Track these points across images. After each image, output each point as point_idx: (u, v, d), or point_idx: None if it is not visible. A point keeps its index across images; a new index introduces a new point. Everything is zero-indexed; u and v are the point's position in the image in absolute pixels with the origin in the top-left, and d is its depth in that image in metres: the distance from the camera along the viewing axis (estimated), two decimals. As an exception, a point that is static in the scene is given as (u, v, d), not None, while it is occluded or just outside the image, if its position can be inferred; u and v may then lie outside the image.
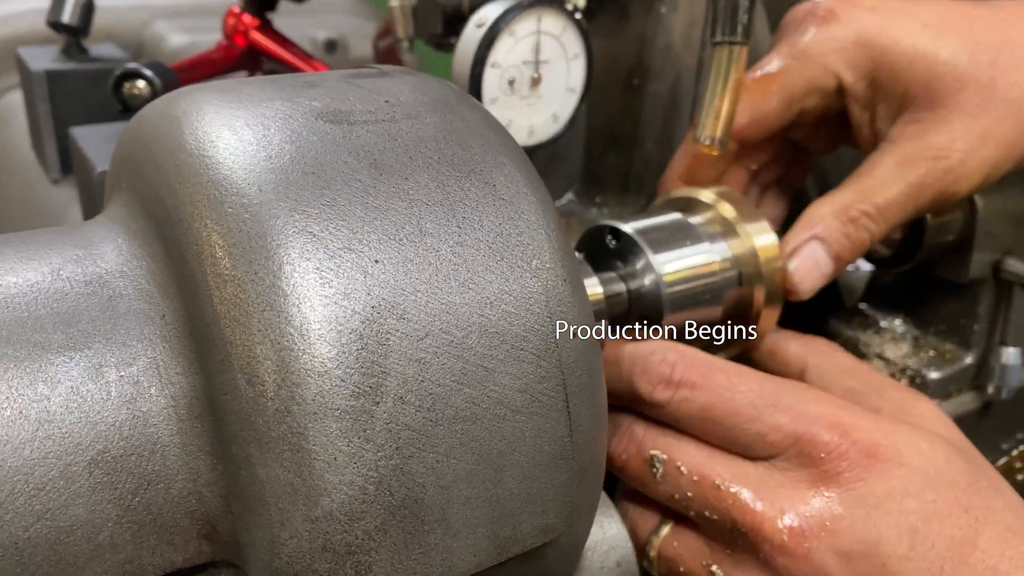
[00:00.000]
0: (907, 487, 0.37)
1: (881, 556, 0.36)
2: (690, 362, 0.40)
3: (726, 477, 0.38)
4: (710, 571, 0.39)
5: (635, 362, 0.41)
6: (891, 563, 0.36)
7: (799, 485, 0.38)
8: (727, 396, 0.39)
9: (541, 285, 0.29)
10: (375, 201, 0.27)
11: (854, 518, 0.36)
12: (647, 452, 0.40)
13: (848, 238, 0.48)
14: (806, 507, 0.37)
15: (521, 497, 0.28)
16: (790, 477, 0.38)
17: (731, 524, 0.37)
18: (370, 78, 0.33)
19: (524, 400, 0.28)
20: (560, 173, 0.63)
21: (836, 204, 0.48)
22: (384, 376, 0.25)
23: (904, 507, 0.37)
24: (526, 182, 0.31)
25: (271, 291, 0.25)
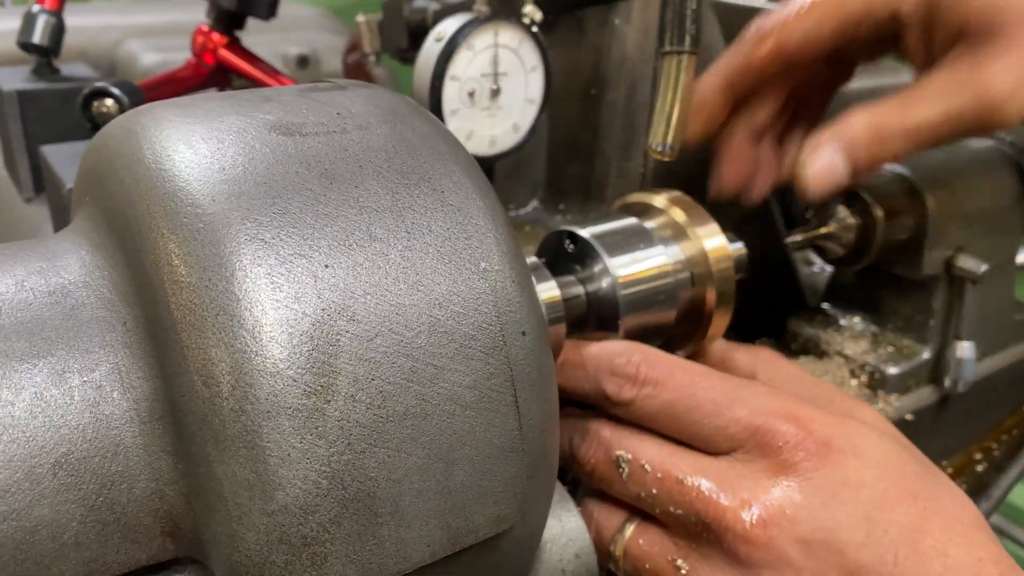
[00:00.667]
0: (862, 477, 0.38)
1: (839, 543, 0.37)
2: (654, 361, 0.42)
3: (689, 471, 0.39)
4: (675, 566, 0.40)
5: (601, 362, 0.42)
6: (849, 550, 0.37)
7: (759, 476, 0.39)
8: (688, 392, 0.41)
9: (489, 286, 0.30)
10: (325, 208, 0.29)
11: (813, 506, 0.38)
12: (614, 453, 0.41)
13: (871, 153, 0.49)
14: (767, 496, 0.38)
15: (472, 489, 0.29)
16: (751, 468, 0.39)
17: (695, 517, 0.39)
18: (325, 91, 0.35)
19: (473, 396, 0.29)
20: (524, 182, 0.64)
21: (872, 117, 0.49)
22: (335, 375, 0.27)
23: (860, 496, 0.38)
24: (475, 189, 0.32)
25: (224, 296, 0.26)
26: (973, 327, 0.62)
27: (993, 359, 0.68)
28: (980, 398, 0.68)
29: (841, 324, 0.66)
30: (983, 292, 0.63)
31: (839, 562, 0.37)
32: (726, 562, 0.38)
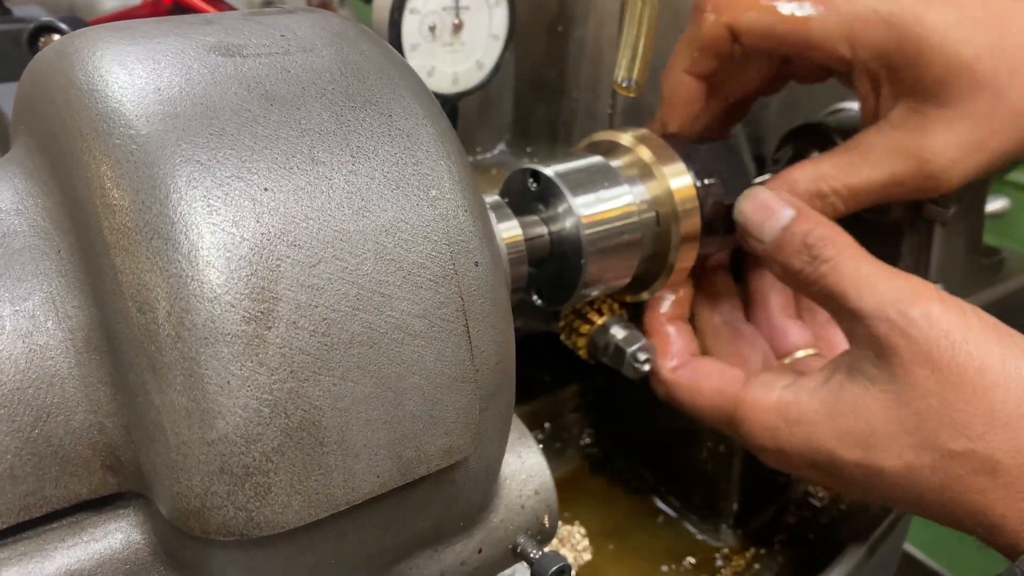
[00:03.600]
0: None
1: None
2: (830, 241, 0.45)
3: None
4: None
5: (794, 236, 0.45)
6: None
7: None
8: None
9: (439, 214, 0.30)
10: (265, 131, 0.28)
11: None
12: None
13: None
14: None
15: (423, 419, 0.29)
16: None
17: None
18: (271, 15, 0.33)
19: (423, 325, 0.28)
20: (491, 124, 0.63)
21: (813, 173, 0.49)
22: (275, 302, 0.26)
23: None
24: (425, 115, 0.31)
25: (158, 219, 0.25)
26: (941, 271, 0.62)
27: (961, 303, 0.68)
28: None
29: (810, 268, 0.66)
30: (951, 236, 0.63)
31: None
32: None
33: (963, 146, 0.46)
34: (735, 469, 0.58)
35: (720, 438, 0.58)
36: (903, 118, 0.47)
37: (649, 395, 0.63)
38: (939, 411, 0.40)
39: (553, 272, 0.47)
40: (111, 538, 0.29)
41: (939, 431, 0.40)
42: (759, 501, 0.61)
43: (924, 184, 0.48)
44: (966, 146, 0.47)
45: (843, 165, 0.49)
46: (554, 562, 0.36)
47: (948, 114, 0.46)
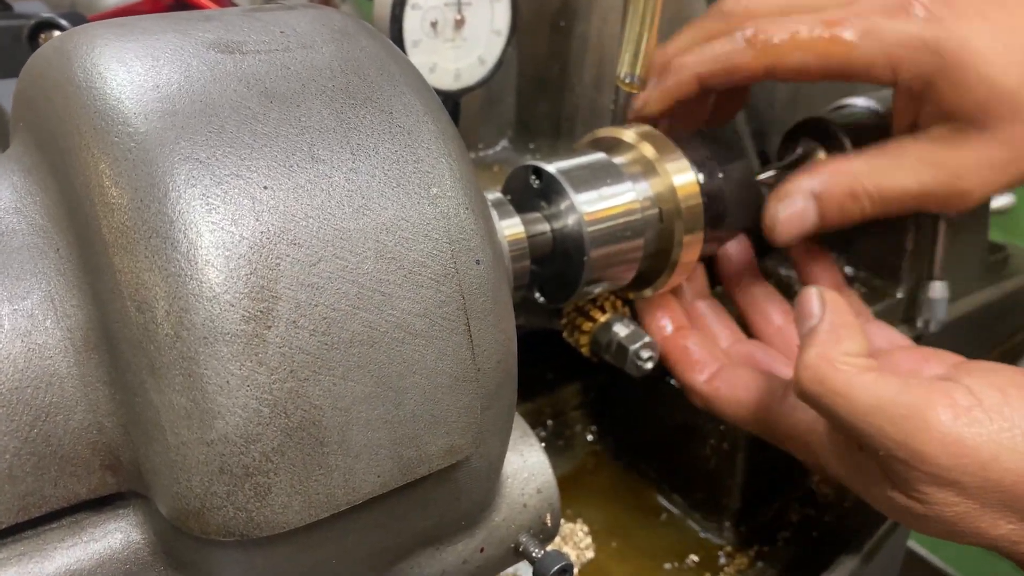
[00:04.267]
0: None
1: None
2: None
3: None
4: None
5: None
6: None
7: None
8: None
9: (440, 212, 0.29)
10: (264, 128, 0.27)
11: None
12: None
13: (841, 208, 0.49)
14: None
15: (424, 419, 0.29)
16: None
17: None
18: (271, 11, 0.33)
19: (424, 324, 0.28)
20: (493, 121, 0.63)
21: (848, 169, 0.49)
22: (275, 301, 0.26)
23: None
24: (426, 111, 0.31)
25: (157, 218, 0.25)
26: (946, 267, 0.62)
27: (966, 300, 0.68)
28: (953, 339, 0.68)
29: (814, 265, 0.66)
30: (956, 232, 0.62)
31: None
32: None
33: (995, 167, 0.47)
34: (738, 466, 0.58)
35: (723, 435, 0.58)
36: (940, 135, 0.48)
37: (652, 392, 0.63)
38: None
39: (555, 269, 0.47)
40: (111, 538, 0.29)
41: None
42: (762, 498, 0.60)
43: (952, 199, 0.49)
44: (995, 167, 0.47)
45: (878, 167, 0.49)
46: (556, 561, 0.36)
47: (986, 136, 0.47)
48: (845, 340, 0.41)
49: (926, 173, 0.48)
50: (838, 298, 0.43)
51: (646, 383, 0.63)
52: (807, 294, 0.44)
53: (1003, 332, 0.75)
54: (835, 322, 0.42)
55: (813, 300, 0.43)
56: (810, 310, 0.43)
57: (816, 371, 0.40)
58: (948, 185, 0.48)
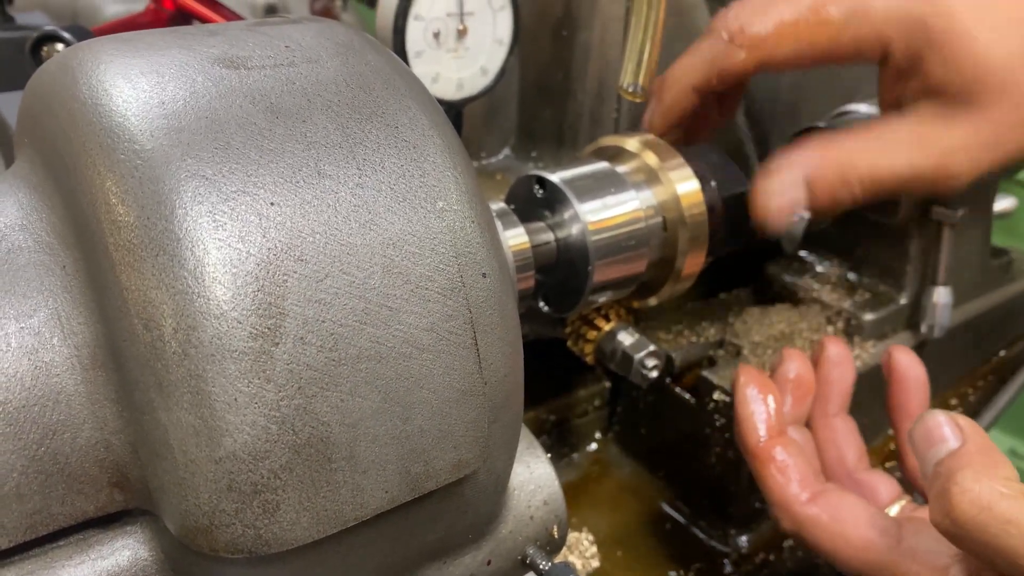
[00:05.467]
0: None
1: None
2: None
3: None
4: None
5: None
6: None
7: None
8: None
9: (447, 226, 0.29)
10: (270, 144, 0.27)
11: None
12: None
13: (831, 194, 0.48)
14: None
15: (432, 434, 0.29)
16: None
17: None
18: (276, 25, 0.33)
19: (431, 339, 0.28)
20: (496, 129, 0.63)
21: (840, 153, 0.48)
22: (282, 317, 0.26)
23: None
24: (432, 125, 0.31)
25: (164, 235, 0.25)
26: (949, 273, 0.62)
27: (970, 305, 0.68)
28: (956, 344, 0.68)
29: (818, 270, 0.66)
30: (960, 237, 0.62)
31: None
32: None
33: (983, 146, 0.46)
34: (744, 474, 0.58)
35: (729, 444, 0.58)
36: (929, 114, 0.47)
37: (657, 400, 0.63)
38: None
39: (560, 279, 0.47)
40: (118, 555, 0.29)
41: None
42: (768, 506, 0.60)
43: (941, 180, 0.47)
44: (984, 146, 0.46)
45: (869, 148, 0.48)
46: (564, 573, 0.36)
47: (973, 114, 0.46)
48: (1002, 464, 0.36)
49: (917, 154, 0.47)
50: (972, 422, 0.40)
51: (652, 391, 0.63)
52: (932, 419, 0.39)
53: (1007, 337, 0.75)
54: (983, 445, 0.38)
55: (943, 424, 0.39)
56: (940, 434, 0.39)
57: (979, 496, 0.35)
58: (938, 167, 0.47)
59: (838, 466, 0.50)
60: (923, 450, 0.39)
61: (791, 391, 0.50)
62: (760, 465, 0.46)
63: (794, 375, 0.50)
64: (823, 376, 0.51)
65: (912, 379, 0.51)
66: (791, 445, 0.47)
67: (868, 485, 0.49)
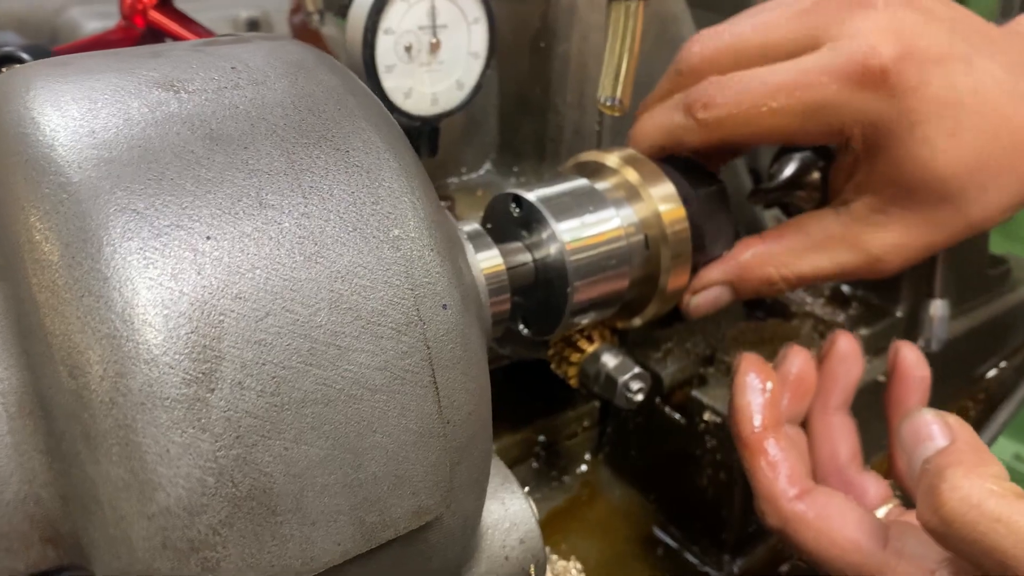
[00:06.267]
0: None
1: None
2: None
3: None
4: None
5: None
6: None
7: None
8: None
9: (402, 256, 0.27)
10: (209, 173, 0.26)
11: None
12: None
13: (757, 292, 0.50)
14: None
15: (387, 480, 0.27)
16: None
17: None
18: (224, 45, 0.31)
19: (384, 378, 0.26)
20: (476, 144, 0.61)
21: (768, 253, 0.49)
22: (218, 361, 0.24)
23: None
24: (387, 148, 0.29)
25: (90, 275, 0.23)
26: (946, 285, 0.60)
27: (969, 316, 0.66)
28: (956, 356, 0.66)
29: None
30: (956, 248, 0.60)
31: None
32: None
33: (914, 247, 0.47)
34: (736, 497, 0.56)
35: (721, 466, 0.56)
36: (864, 213, 0.48)
37: (647, 420, 0.61)
38: None
39: (539, 300, 0.45)
40: (53, 616, 0.27)
41: None
42: (762, 530, 0.58)
43: (867, 275, 0.49)
44: (916, 247, 0.47)
45: (794, 251, 0.49)
46: (540, 616, 0.34)
47: (908, 218, 0.46)
48: (991, 463, 0.36)
49: (845, 255, 0.48)
50: (962, 420, 0.39)
51: (642, 411, 0.61)
52: (921, 417, 0.39)
53: (1007, 347, 0.73)
54: (973, 443, 0.37)
55: (931, 422, 0.39)
56: (929, 432, 0.38)
57: (969, 494, 0.34)
58: (866, 265, 0.48)
59: (829, 463, 0.49)
60: (911, 447, 0.39)
61: (790, 389, 0.49)
62: (751, 456, 0.45)
63: (796, 373, 0.49)
64: (828, 370, 0.50)
65: (915, 378, 0.50)
66: (784, 439, 0.45)
67: (858, 485, 0.48)
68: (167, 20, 0.63)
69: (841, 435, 0.49)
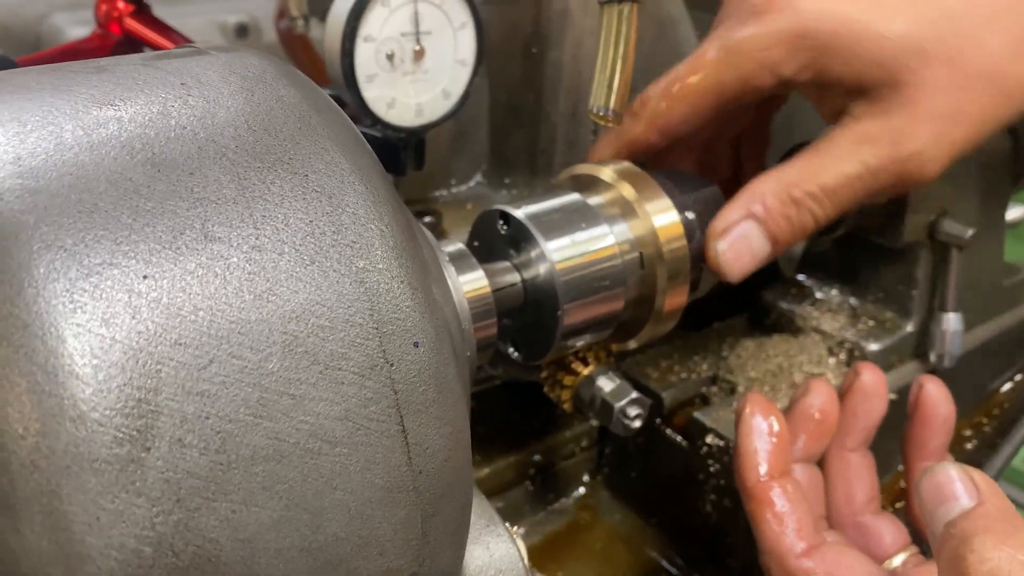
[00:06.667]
0: None
1: None
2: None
3: None
4: None
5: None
6: None
7: None
8: None
9: (366, 291, 0.25)
10: (148, 204, 0.23)
11: None
12: None
13: (788, 220, 0.43)
14: None
15: (351, 541, 0.24)
16: None
17: None
18: (177, 58, 0.29)
19: (345, 429, 0.24)
20: (466, 154, 0.58)
21: (780, 181, 0.44)
22: (156, 416, 0.21)
23: None
24: (353, 170, 0.27)
25: (8, 322, 0.21)
26: (960, 297, 0.57)
27: (982, 329, 0.63)
28: (969, 371, 0.63)
29: (817, 297, 0.61)
30: (970, 258, 0.58)
31: None
32: None
33: (934, 119, 0.41)
34: (741, 523, 0.53)
35: (724, 491, 0.53)
36: (862, 109, 0.43)
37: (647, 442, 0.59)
38: None
39: (529, 323, 0.43)
40: None
41: None
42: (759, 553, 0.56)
43: (903, 170, 0.43)
44: (937, 118, 0.41)
45: (809, 166, 0.44)
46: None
47: (906, 92, 0.41)
48: (1022, 529, 0.33)
49: (866, 151, 0.42)
50: (989, 479, 0.35)
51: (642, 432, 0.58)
52: (943, 473, 0.35)
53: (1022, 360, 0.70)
54: (1003, 506, 0.34)
55: (955, 479, 0.35)
56: (952, 491, 0.34)
57: (999, 567, 0.31)
58: (892, 155, 0.42)
59: (845, 506, 0.46)
60: (932, 506, 0.35)
61: (810, 428, 0.45)
62: (755, 506, 0.42)
63: (818, 411, 0.46)
64: (849, 407, 0.47)
65: (939, 417, 0.47)
66: (793, 488, 0.42)
67: (873, 530, 0.45)
68: (144, 28, 0.61)
69: (859, 476, 0.46)
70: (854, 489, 0.46)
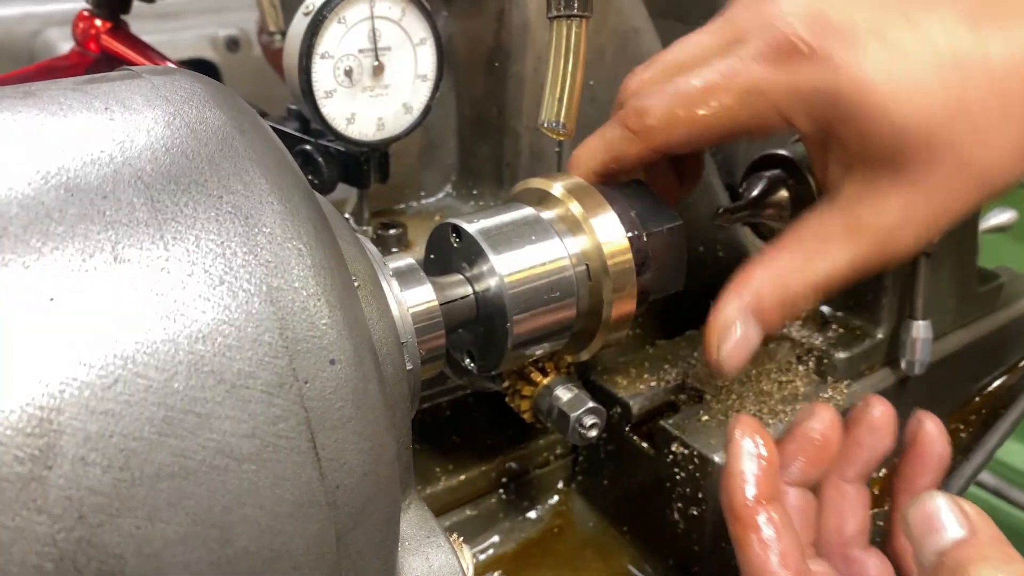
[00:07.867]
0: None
1: None
2: None
3: None
4: None
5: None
6: None
7: None
8: None
9: (277, 310, 0.25)
10: (59, 228, 0.24)
11: None
12: None
13: (782, 313, 0.43)
14: None
15: (262, 555, 0.25)
16: None
17: None
18: (108, 83, 0.30)
19: (253, 446, 0.24)
20: (436, 165, 0.59)
21: (773, 273, 0.43)
22: (57, 435, 0.22)
23: None
24: (272, 190, 0.27)
25: (-87, 345, 0.21)
26: (928, 305, 0.57)
27: (954, 336, 0.63)
28: (943, 378, 0.63)
29: (788, 305, 0.61)
30: (938, 267, 0.58)
31: None
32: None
33: (925, 214, 0.41)
34: (707, 532, 0.53)
35: (691, 499, 0.53)
36: (857, 193, 0.42)
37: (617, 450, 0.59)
38: None
39: (482, 334, 0.43)
40: None
41: None
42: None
43: (888, 259, 0.42)
44: (928, 213, 0.41)
45: (802, 256, 0.43)
46: None
47: (904, 185, 0.40)
48: (1017, 560, 0.33)
49: (855, 245, 0.42)
50: (979, 510, 0.35)
51: (612, 439, 0.59)
52: (932, 503, 0.35)
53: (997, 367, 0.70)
54: (995, 535, 0.34)
55: (943, 509, 0.35)
56: (941, 521, 0.35)
57: None
58: (880, 251, 0.42)
59: (834, 535, 0.46)
60: (920, 536, 0.35)
61: (809, 452, 0.45)
62: (741, 530, 0.42)
63: (819, 435, 0.45)
64: (854, 437, 0.46)
65: (935, 456, 0.46)
66: (780, 513, 0.41)
67: (859, 565, 0.45)
68: (121, 45, 0.62)
69: (852, 509, 0.46)
70: (846, 521, 0.46)
